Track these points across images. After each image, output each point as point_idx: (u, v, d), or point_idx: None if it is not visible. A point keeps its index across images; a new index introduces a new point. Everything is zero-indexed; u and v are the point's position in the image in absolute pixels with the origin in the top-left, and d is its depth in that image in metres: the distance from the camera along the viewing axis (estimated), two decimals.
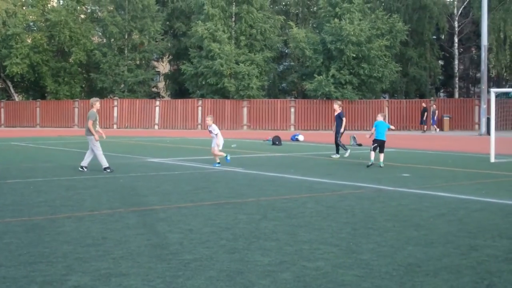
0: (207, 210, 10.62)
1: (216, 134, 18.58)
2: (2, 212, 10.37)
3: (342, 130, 22.97)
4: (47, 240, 8.25)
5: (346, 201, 11.76)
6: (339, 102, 24.08)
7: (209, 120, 18.96)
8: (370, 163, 18.77)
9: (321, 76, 49.92)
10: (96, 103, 17.49)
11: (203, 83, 52.94)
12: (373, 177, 15.97)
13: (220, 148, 18.75)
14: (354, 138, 31.32)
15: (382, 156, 19.19)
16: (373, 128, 19.54)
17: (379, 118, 19.85)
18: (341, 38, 49.54)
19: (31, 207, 10.97)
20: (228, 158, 18.78)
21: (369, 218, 9.94)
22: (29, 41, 56.05)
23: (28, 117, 56.97)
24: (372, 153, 19.10)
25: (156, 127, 53.70)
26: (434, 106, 49.24)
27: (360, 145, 29.75)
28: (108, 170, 16.86)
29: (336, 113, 23.24)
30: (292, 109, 52.25)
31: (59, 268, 6.80)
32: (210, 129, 18.72)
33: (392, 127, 20.50)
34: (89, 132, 17.04)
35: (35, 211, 10.49)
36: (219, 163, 18.65)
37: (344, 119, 23.36)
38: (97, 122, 17.26)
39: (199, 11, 54.57)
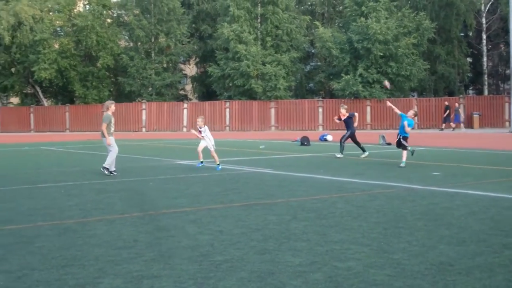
0: (237, 212, 10.62)
1: (205, 135, 18.31)
2: (34, 216, 10.46)
3: (349, 132, 22.78)
4: (79, 243, 8.31)
5: (376, 201, 11.70)
6: (345, 106, 23.83)
7: (200, 121, 18.51)
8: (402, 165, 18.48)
9: (348, 76, 49.80)
10: (111, 106, 17.51)
11: (230, 84, 53.11)
12: (403, 176, 15.87)
13: (213, 148, 18.41)
14: (383, 137, 31.19)
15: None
16: (405, 123, 19.13)
17: (411, 115, 19.49)
18: (367, 37, 49.39)
19: (63, 210, 11.06)
20: (200, 164, 18.39)
21: (400, 218, 9.88)
22: (56, 46, 56.54)
23: (57, 122, 57.47)
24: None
25: (184, 129, 53.87)
26: (457, 104, 48.64)
27: (389, 144, 29.57)
28: (106, 173, 16.89)
29: (345, 118, 23.03)
30: (320, 109, 52.12)
31: (91, 271, 6.84)
32: (200, 130, 18.36)
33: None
34: (103, 134, 17.14)
35: (67, 215, 10.57)
36: (202, 162, 18.36)
37: (356, 114, 23.17)
38: (112, 125, 17.30)
39: (225, 13, 54.70)
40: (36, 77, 55.21)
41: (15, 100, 63.99)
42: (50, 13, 57.70)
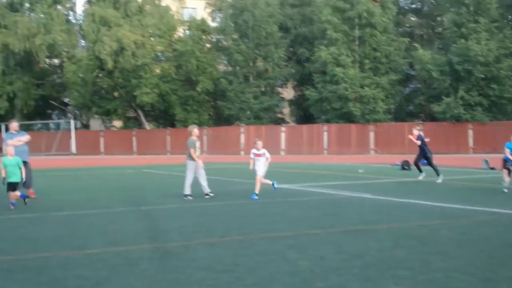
0: (337, 237, 10.54)
1: (266, 159, 17.54)
2: (138, 238, 10.69)
3: (429, 153, 22.36)
4: (181, 266, 8.43)
5: (480, 228, 11.37)
6: (418, 127, 23.27)
7: (259, 144, 17.67)
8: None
9: (449, 98, 48.84)
10: (194, 130, 17.81)
11: (328, 107, 53.00)
12: (508, 202, 15.36)
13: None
14: (487, 161, 30.36)
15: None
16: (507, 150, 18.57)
17: None
18: (468, 58, 48.37)
19: (165, 233, 11.26)
20: (276, 187, 17.84)
21: (506, 246, 9.56)
22: (157, 71, 57.91)
23: (159, 145, 58.68)
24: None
25: (282, 152, 54.02)
26: None
27: (493, 168, 28.75)
28: (190, 198, 17.05)
29: (416, 138, 22.63)
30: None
31: None
32: (261, 152, 17.47)
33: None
34: (190, 157, 17.40)
35: (169, 237, 10.75)
36: (273, 183, 17.76)
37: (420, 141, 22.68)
38: (197, 149, 17.54)
39: (322, 36, 54.74)
40: (138, 101, 56.71)
41: (118, 123, 65.88)
42: (151, 39, 59.21)
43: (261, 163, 17.42)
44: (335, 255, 9.01)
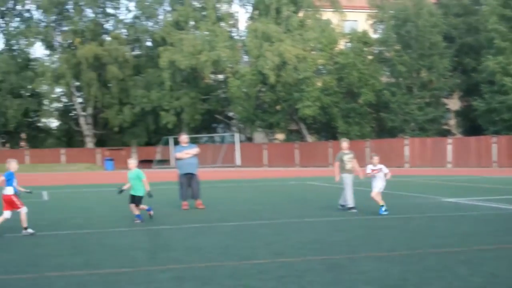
0: (511, 253, 10.03)
1: (385, 174, 16.68)
2: (303, 250, 10.71)
3: None
4: (349, 279, 8.34)
5: None
6: None
7: (376, 159, 16.89)
8: None
9: None
10: (342, 143, 17.72)
11: (497, 119, 50.98)
12: None
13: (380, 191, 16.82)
14: None
15: None
16: None
17: None
18: None
19: (330, 245, 11.21)
20: (384, 211, 16.38)
21: None
22: (319, 84, 58.17)
23: (320, 157, 58.68)
24: None
25: (449, 165, 52.43)
26: None
27: None
28: (355, 210, 16.89)
29: None
30: None
31: None
32: (377, 168, 16.66)
33: None
34: (344, 171, 17.36)
35: (335, 250, 10.69)
36: (385, 208, 16.43)
37: None
38: (346, 162, 17.35)
39: (489, 45, 52.82)
40: (300, 114, 57.20)
41: (280, 136, 66.76)
42: (313, 52, 59.53)
43: (379, 179, 16.83)
44: (509, 272, 8.60)
